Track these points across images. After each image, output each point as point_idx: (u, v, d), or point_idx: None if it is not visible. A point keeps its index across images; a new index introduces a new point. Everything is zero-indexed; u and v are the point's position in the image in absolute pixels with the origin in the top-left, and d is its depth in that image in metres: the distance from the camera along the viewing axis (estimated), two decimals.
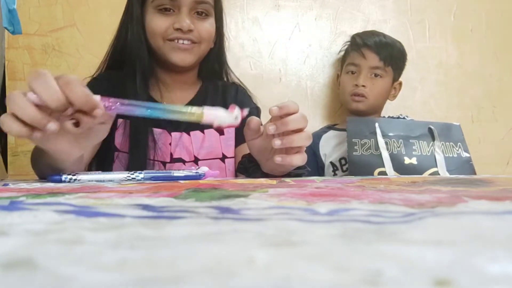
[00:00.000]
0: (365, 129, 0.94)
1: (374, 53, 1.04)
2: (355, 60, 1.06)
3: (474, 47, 1.27)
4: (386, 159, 0.89)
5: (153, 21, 0.73)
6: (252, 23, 1.21)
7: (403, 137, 0.93)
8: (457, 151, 0.94)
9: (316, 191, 0.33)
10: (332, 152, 1.07)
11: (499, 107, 1.27)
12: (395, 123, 0.97)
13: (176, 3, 0.72)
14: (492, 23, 1.28)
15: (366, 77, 1.04)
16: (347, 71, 1.08)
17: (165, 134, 0.75)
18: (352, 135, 0.93)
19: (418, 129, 0.95)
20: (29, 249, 0.14)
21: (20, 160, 1.09)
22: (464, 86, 1.26)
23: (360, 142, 0.93)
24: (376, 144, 0.91)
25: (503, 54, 1.28)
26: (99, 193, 0.32)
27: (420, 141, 0.93)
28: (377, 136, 0.92)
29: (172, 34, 0.72)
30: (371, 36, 1.07)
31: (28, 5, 1.10)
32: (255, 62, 1.20)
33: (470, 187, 0.37)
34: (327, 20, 1.23)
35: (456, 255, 0.13)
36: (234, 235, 0.16)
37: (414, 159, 0.90)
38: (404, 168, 0.88)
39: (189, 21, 0.72)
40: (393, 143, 0.92)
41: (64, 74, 0.41)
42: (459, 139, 0.96)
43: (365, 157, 0.90)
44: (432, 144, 0.93)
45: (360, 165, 0.90)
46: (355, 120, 0.98)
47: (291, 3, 1.23)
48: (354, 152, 0.92)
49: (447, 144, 0.94)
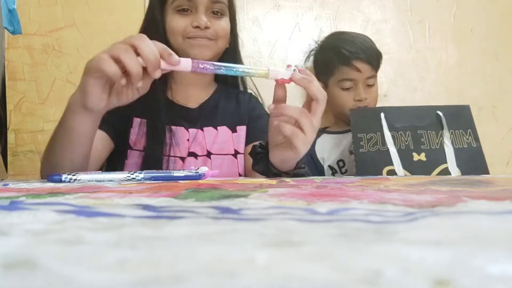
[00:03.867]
0: (370, 121, 0.89)
1: (366, 64, 1.01)
2: (350, 75, 1.02)
3: (474, 47, 1.27)
4: (394, 155, 0.86)
5: (173, 21, 0.78)
6: (252, 23, 1.21)
7: (411, 129, 0.89)
8: (467, 140, 0.89)
9: (316, 191, 0.33)
10: (329, 155, 1.06)
11: (499, 107, 1.27)
12: (401, 111, 0.93)
13: (193, 3, 0.78)
14: (492, 23, 1.28)
15: (364, 89, 1.02)
16: (341, 87, 1.04)
17: (183, 131, 0.80)
18: (357, 129, 0.89)
19: (425, 117, 0.91)
20: (29, 249, 0.14)
21: (20, 160, 1.09)
22: (464, 86, 1.26)
23: (366, 137, 0.88)
24: (382, 139, 0.87)
25: (503, 54, 1.28)
26: (99, 193, 0.32)
27: (428, 132, 0.89)
28: (383, 129, 0.88)
29: (191, 32, 0.77)
30: (354, 44, 1.03)
31: (28, 5, 1.10)
32: (255, 62, 1.20)
33: (470, 187, 0.37)
34: (327, 20, 1.23)
35: (456, 255, 0.13)
36: (234, 235, 0.16)
37: (423, 154, 0.87)
38: (413, 165, 0.85)
39: (206, 19, 0.77)
40: (401, 136, 0.88)
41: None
42: (469, 124, 0.91)
43: (372, 154, 0.87)
44: (441, 134, 0.89)
45: (367, 163, 0.86)
46: (358, 112, 0.94)
47: (291, 3, 1.23)
48: (360, 149, 0.87)
49: (456, 133, 0.90)
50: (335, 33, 1.13)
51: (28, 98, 1.10)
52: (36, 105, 1.10)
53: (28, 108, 1.10)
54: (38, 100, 1.10)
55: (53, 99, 1.11)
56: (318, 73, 1.12)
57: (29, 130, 1.10)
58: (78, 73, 1.11)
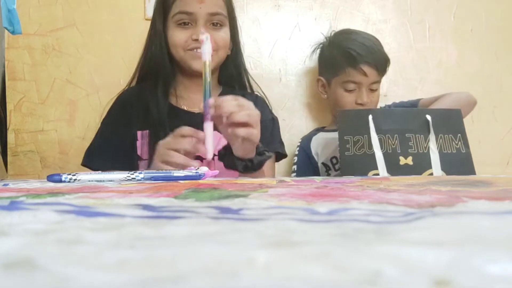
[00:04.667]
0: (358, 123, 0.87)
1: (373, 69, 1.00)
2: (355, 78, 1.01)
3: (474, 47, 1.27)
4: (380, 159, 0.84)
5: (174, 35, 0.84)
6: (252, 23, 1.21)
7: (399, 132, 0.87)
8: (457, 146, 0.87)
9: (316, 191, 0.33)
10: (322, 153, 1.06)
11: (499, 107, 1.27)
12: (390, 113, 0.91)
13: (193, 17, 0.82)
14: (492, 23, 1.28)
15: (367, 93, 1.02)
16: (345, 88, 1.03)
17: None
18: (344, 132, 0.87)
19: (415, 120, 0.88)
20: (29, 249, 0.14)
21: (20, 160, 1.09)
22: (464, 86, 1.25)
23: (353, 140, 0.86)
24: (369, 142, 0.85)
25: (503, 54, 1.28)
26: (99, 193, 0.32)
27: (417, 135, 0.87)
28: (371, 131, 0.85)
29: (191, 45, 0.82)
30: (363, 47, 1.01)
31: (28, 5, 1.10)
32: (255, 62, 1.20)
33: (470, 187, 0.37)
34: (327, 20, 1.23)
35: (456, 255, 0.13)
36: (234, 235, 0.16)
37: (410, 158, 0.85)
38: (399, 169, 0.84)
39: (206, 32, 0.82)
40: (388, 139, 0.86)
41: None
42: (459, 129, 0.89)
43: (358, 157, 0.85)
44: (429, 139, 0.88)
45: (352, 166, 0.84)
46: (346, 113, 0.91)
47: (291, 3, 1.22)
48: (346, 152, 0.85)
49: (445, 137, 0.88)
50: (345, 31, 1.11)
51: (28, 98, 1.10)
52: (36, 105, 1.10)
53: (28, 108, 1.10)
54: (38, 100, 1.10)
55: (53, 99, 1.11)
56: (322, 69, 1.12)
57: (29, 130, 1.10)
58: (78, 73, 1.11)
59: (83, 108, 1.11)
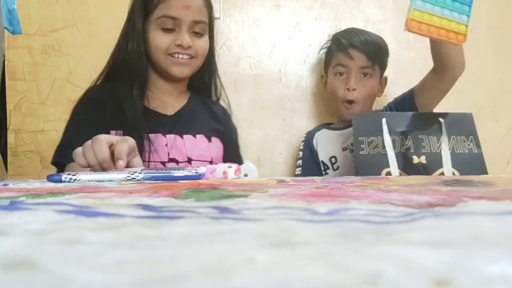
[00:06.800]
0: (372, 126, 0.90)
1: (361, 53, 1.03)
2: (343, 61, 1.04)
3: (474, 47, 1.27)
4: (392, 158, 0.86)
5: (156, 38, 0.82)
6: (252, 23, 1.21)
7: (412, 133, 0.89)
8: (469, 146, 0.89)
9: (316, 191, 0.33)
10: (322, 150, 1.07)
11: (499, 107, 1.27)
12: (403, 117, 0.93)
13: (177, 23, 0.81)
14: (492, 23, 1.27)
15: (356, 79, 1.03)
16: (335, 73, 1.07)
17: (160, 137, 0.83)
18: (358, 133, 0.90)
19: (427, 123, 0.91)
20: (29, 249, 0.14)
21: (20, 160, 1.09)
22: (464, 86, 1.25)
23: (367, 140, 0.89)
24: (383, 142, 0.88)
25: (503, 54, 1.28)
26: (99, 193, 0.32)
27: (429, 137, 0.89)
28: (384, 133, 0.88)
29: (173, 50, 0.82)
30: (355, 35, 1.05)
31: (28, 5, 1.10)
32: (255, 62, 1.20)
33: (470, 187, 0.37)
34: (327, 20, 1.23)
35: (456, 255, 0.13)
36: (234, 235, 0.16)
37: (423, 157, 0.87)
38: (413, 167, 0.86)
39: (189, 38, 0.81)
40: (402, 140, 0.88)
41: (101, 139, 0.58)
42: (471, 131, 0.91)
43: (372, 156, 0.87)
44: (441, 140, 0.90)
45: (367, 165, 0.87)
46: (361, 117, 0.95)
47: (291, 3, 1.22)
48: (360, 151, 0.88)
49: (458, 139, 0.90)
50: (348, 29, 1.14)
51: (28, 98, 1.10)
52: (36, 105, 1.10)
53: (28, 108, 1.10)
54: (38, 100, 1.11)
55: (53, 99, 1.11)
56: (324, 65, 1.14)
57: (29, 130, 1.10)
58: (78, 73, 1.11)
59: None
